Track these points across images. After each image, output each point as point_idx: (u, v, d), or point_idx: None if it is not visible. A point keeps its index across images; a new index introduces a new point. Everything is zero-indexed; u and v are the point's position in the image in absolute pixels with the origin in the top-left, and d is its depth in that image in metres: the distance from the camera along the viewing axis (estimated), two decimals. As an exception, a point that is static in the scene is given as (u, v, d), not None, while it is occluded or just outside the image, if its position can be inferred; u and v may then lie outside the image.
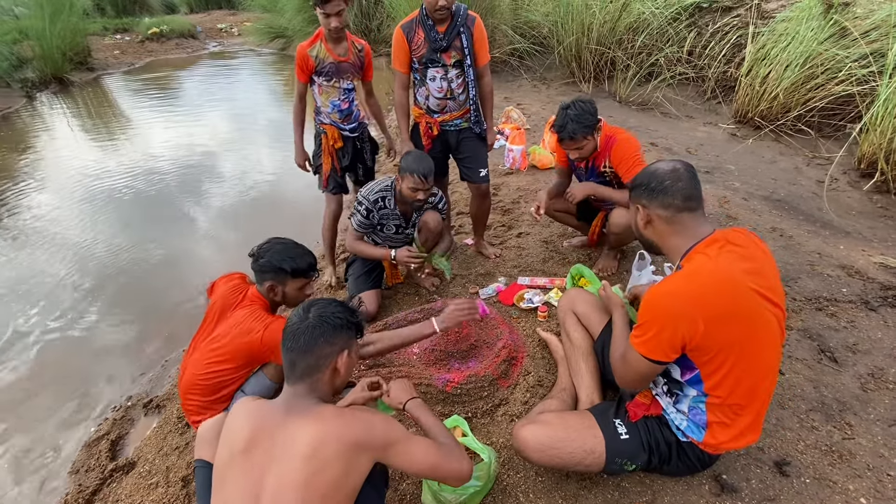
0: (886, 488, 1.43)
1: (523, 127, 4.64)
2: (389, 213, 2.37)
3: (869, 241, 2.90)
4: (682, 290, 1.20)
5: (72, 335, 2.73)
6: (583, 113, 2.13)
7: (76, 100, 7.75)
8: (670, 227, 1.30)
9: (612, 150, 2.22)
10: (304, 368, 1.11)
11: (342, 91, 2.50)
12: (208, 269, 3.25)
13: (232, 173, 4.75)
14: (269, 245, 1.72)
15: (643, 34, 5.50)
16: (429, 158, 2.23)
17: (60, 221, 3.90)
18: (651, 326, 1.22)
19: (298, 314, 1.16)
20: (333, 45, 2.39)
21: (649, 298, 1.23)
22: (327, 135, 2.55)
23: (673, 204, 1.28)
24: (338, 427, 1.03)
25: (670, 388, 1.36)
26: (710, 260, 1.20)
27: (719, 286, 1.17)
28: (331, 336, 1.13)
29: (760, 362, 1.22)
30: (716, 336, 1.17)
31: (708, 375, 1.23)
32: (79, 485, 1.83)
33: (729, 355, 1.19)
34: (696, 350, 1.20)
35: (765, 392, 1.27)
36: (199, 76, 9.32)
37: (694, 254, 1.25)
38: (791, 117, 4.32)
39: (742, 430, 1.28)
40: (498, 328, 2.17)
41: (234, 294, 1.73)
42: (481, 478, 1.41)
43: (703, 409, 1.28)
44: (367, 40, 2.91)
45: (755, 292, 1.19)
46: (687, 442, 1.35)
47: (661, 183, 1.29)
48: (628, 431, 1.39)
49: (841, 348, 1.97)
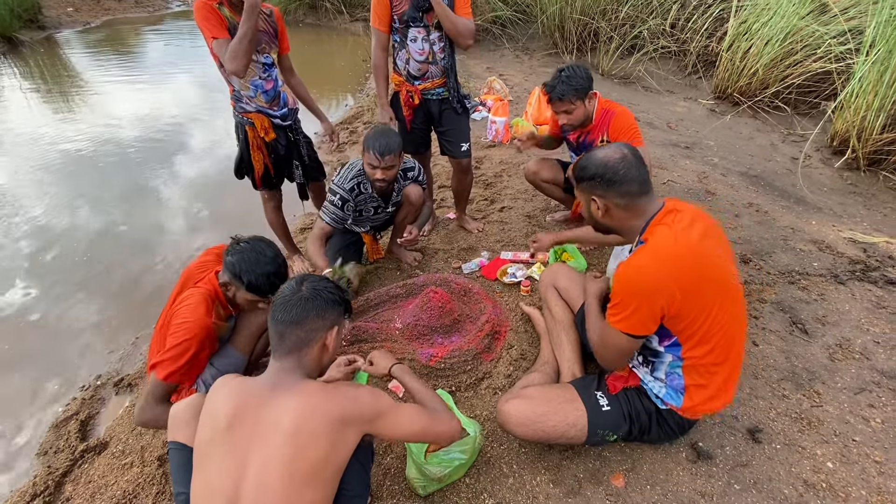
0: (852, 453, 1.51)
1: (506, 98, 4.55)
2: (367, 196, 2.26)
3: (839, 217, 2.98)
4: (654, 265, 1.21)
5: (35, 313, 2.59)
6: (574, 76, 2.10)
7: (27, 61, 7.19)
8: (628, 212, 1.31)
9: (610, 124, 2.18)
10: (294, 341, 1.08)
11: (261, 67, 2.07)
12: (178, 241, 3.12)
13: (201, 143, 4.53)
14: (246, 247, 1.54)
15: (627, 4, 5.41)
16: (393, 134, 2.06)
17: (13, 192, 3.66)
18: (628, 303, 1.23)
19: (291, 287, 1.13)
20: (237, 9, 1.93)
21: (622, 276, 1.24)
22: (254, 125, 2.14)
23: (630, 192, 1.29)
24: (323, 402, 1.01)
25: (646, 357, 1.39)
26: (671, 230, 1.23)
27: (688, 256, 1.21)
28: (323, 310, 1.10)
29: (732, 319, 1.27)
30: (691, 304, 1.20)
31: (686, 340, 1.27)
32: (48, 466, 1.76)
33: (706, 318, 1.23)
34: (674, 318, 1.23)
35: (737, 348, 1.32)
36: (163, 37, 8.76)
37: (653, 227, 1.27)
38: (769, 94, 4.36)
39: (717, 389, 1.32)
40: (481, 303, 2.16)
41: (200, 271, 1.65)
42: (466, 451, 1.42)
43: (680, 373, 1.32)
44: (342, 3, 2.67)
45: (716, 255, 1.25)
46: (666, 409, 1.38)
47: (615, 173, 1.28)
48: (609, 403, 1.42)
49: (811, 320, 2.04)
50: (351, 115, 4.89)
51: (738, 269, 1.34)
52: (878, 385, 1.74)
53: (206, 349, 1.53)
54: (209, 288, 1.56)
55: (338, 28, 8.53)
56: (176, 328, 1.46)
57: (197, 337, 1.45)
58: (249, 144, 2.21)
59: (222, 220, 3.36)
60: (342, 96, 5.80)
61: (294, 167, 2.39)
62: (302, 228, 3.15)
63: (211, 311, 1.52)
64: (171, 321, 1.51)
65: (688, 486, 1.43)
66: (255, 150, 2.22)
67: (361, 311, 2.17)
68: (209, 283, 1.58)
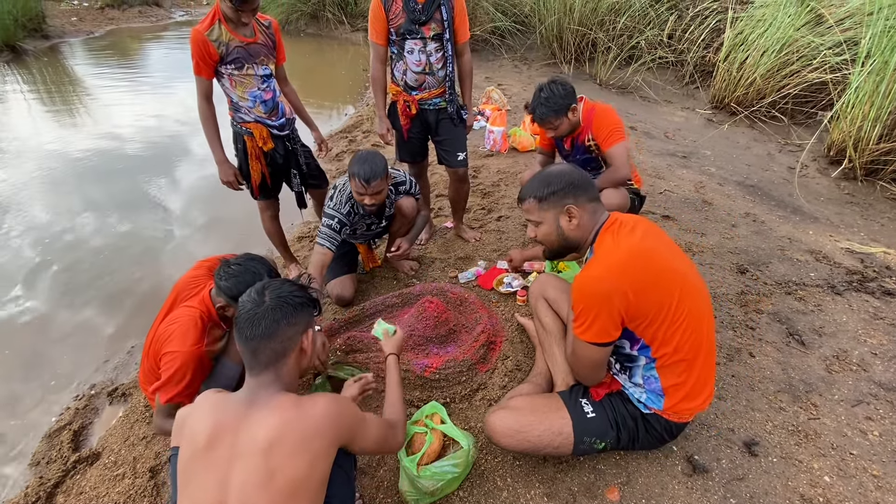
0: (849, 466, 1.49)
1: (504, 108, 4.58)
2: (362, 215, 2.24)
3: (836, 227, 2.98)
4: (604, 270, 1.27)
5: (30, 320, 2.59)
6: (552, 96, 2.14)
7: (31, 70, 7.25)
8: (592, 217, 1.38)
9: (592, 123, 2.23)
10: (270, 355, 1.05)
11: (259, 79, 2.10)
12: (176, 250, 3.12)
13: (200, 153, 4.55)
14: (239, 269, 1.53)
15: (625, 16, 5.46)
16: (377, 158, 2.02)
17: (13, 199, 3.67)
18: (588, 313, 1.27)
19: (252, 298, 1.08)
20: (235, 26, 1.99)
21: (578, 287, 1.29)
22: (253, 135, 2.16)
23: (594, 196, 1.39)
24: (299, 418, 0.99)
25: (622, 363, 1.42)
26: (615, 238, 1.31)
27: (635, 257, 1.27)
28: (292, 317, 1.07)
29: (693, 312, 1.29)
30: (645, 302, 1.24)
31: (651, 339, 1.29)
32: (39, 477, 1.75)
33: (665, 315, 1.26)
34: (633, 320, 1.27)
35: (707, 340, 1.34)
36: (165, 47, 8.84)
37: (601, 237, 1.35)
38: (765, 104, 4.39)
39: (694, 385, 1.33)
40: (477, 312, 2.15)
41: (191, 286, 1.64)
42: (459, 465, 1.40)
43: (656, 374, 1.34)
44: (343, 14, 2.71)
45: (659, 252, 1.30)
46: (650, 413, 1.39)
47: (580, 178, 1.38)
48: (594, 410, 1.43)
49: (808, 331, 2.03)
50: (350, 125, 4.91)
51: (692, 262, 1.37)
52: (875, 397, 1.72)
53: (199, 371, 1.54)
54: (202, 309, 1.56)
55: (339, 38, 8.61)
56: (169, 359, 1.47)
57: (188, 364, 1.48)
58: (248, 154, 2.22)
59: (221, 229, 3.36)
60: (342, 105, 5.84)
61: (292, 176, 2.40)
62: (299, 237, 3.15)
63: (203, 335, 1.53)
64: (161, 341, 1.51)
65: (683, 500, 1.41)
66: (253, 159, 2.23)
67: (357, 320, 2.17)
68: (202, 303, 1.58)
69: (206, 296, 1.59)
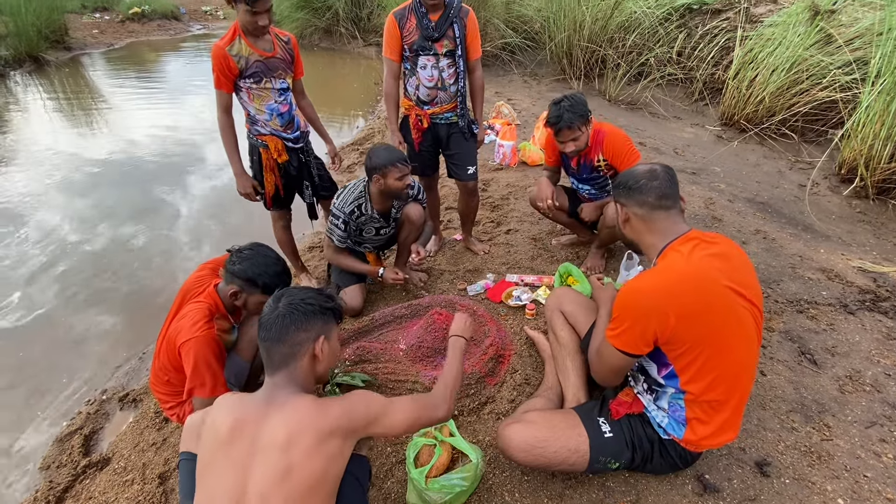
0: (863, 489, 1.47)
1: (514, 122, 4.62)
2: (368, 217, 2.29)
3: (848, 246, 2.96)
4: (652, 286, 1.24)
5: (44, 325, 2.63)
6: (577, 103, 2.18)
7: (52, 80, 7.46)
8: (646, 224, 1.35)
9: (603, 143, 2.27)
10: (280, 358, 1.10)
11: (277, 92, 2.16)
12: (188, 257, 3.17)
13: (215, 161, 4.63)
14: (251, 253, 1.62)
15: (634, 33, 5.52)
16: (391, 145, 2.21)
17: (32, 206, 3.75)
18: (623, 320, 1.26)
19: (270, 304, 1.15)
20: (255, 40, 2.06)
21: (622, 294, 1.27)
22: (268, 147, 2.22)
23: (647, 202, 1.33)
24: (315, 418, 1.02)
25: (650, 385, 1.38)
26: (683, 256, 1.25)
27: (691, 282, 1.21)
28: (303, 323, 1.11)
29: (734, 358, 1.24)
30: (687, 330, 1.20)
31: (682, 370, 1.25)
32: (49, 481, 1.77)
33: (703, 350, 1.22)
34: (668, 344, 1.23)
35: (742, 389, 1.29)
36: (183, 59, 9.06)
37: (668, 251, 1.30)
38: (776, 121, 4.39)
39: (720, 426, 1.29)
40: (486, 325, 2.16)
41: (197, 285, 1.69)
42: (467, 478, 1.40)
43: (682, 405, 1.30)
44: (356, 29, 2.78)
45: (729, 289, 1.22)
46: (668, 439, 1.36)
47: (637, 182, 1.35)
48: (612, 430, 1.40)
49: (820, 350, 2.01)
50: (362, 137, 4.98)
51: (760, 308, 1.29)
52: (889, 419, 1.70)
53: (219, 355, 1.57)
54: (209, 302, 1.60)
55: (351, 52, 8.77)
56: (185, 350, 1.50)
57: (203, 351, 1.50)
58: (263, 166, 2.27)
59: (233, 238, 3.41)
60: (353, 118, 5.93)
61: (304, 187, 2.45)
62: (310, 247, 3.19)
63: (212, 322, 1.57)
64: (173, 337, 1.55)
65: (694, 520, 1.39)
66: (267, 171, 2.29)
67: (366, 330, 2.18)
68: (209, 297, 1.62)
69: (211, 290, 1.64)
